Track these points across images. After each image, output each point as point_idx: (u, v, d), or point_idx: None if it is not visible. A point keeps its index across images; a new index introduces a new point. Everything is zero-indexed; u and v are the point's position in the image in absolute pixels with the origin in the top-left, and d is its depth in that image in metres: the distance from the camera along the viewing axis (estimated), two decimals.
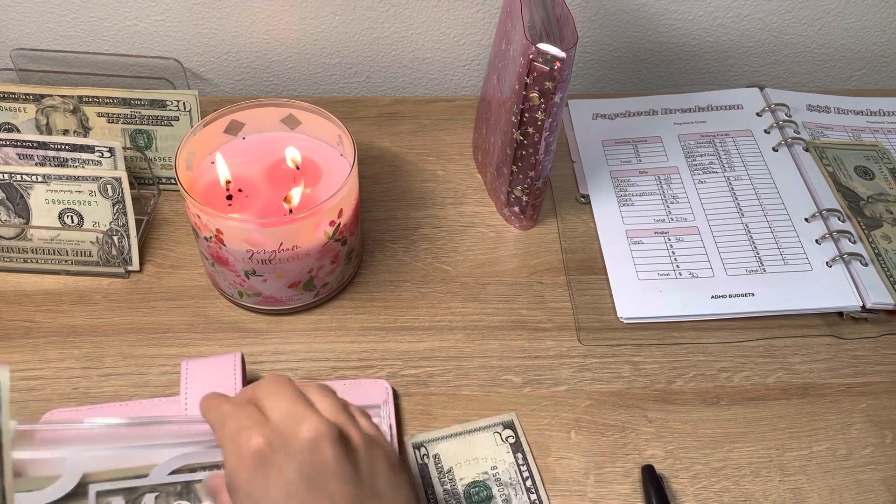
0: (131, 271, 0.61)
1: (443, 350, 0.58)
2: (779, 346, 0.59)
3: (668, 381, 0.56)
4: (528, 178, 0.61)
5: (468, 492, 0.50)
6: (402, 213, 0.67)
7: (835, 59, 0.82)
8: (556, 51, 0.53)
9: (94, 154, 0.60)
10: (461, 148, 0.72)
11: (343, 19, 0.74)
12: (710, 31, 0.78)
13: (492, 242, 0.65)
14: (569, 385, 0.56)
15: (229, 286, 0.58)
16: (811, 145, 0.71)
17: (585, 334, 0.59)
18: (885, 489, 0.51)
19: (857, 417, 0.55)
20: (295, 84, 0.80)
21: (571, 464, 0.52)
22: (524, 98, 0.56)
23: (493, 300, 0.61)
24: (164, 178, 0.67)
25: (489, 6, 0.74)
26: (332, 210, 0.53)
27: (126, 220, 0.60)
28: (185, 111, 0.64)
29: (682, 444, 0.53)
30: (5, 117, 0.65)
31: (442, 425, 0.53)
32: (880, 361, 0.58)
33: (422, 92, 0.81)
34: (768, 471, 0.52)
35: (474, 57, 0.78)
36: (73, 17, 0.73)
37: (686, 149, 0.72)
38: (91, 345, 0.57)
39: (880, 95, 0.78)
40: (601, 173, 0.70)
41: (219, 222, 0.52)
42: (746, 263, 0.63)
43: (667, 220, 0.66)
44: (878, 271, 0.61)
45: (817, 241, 0.64)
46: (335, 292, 0.60)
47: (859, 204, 0.66)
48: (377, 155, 0.71)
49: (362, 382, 0.54)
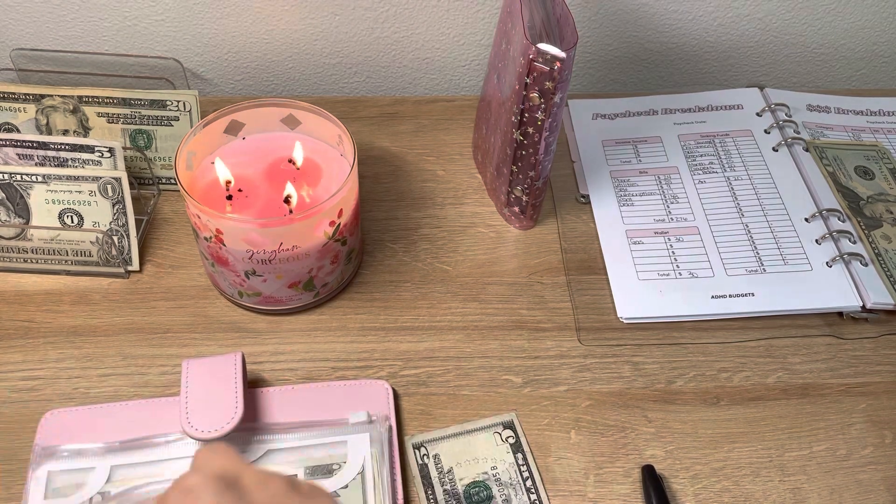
0: (131, 271, 0.61)
1: (443, 350, 0.58)
2: (779, 346, 0.59)
3: (668, 381, 0.56)
4: (528, 178, 0.61)
5: (468, 492, 0.50)
6: (402, 213, 0.67)
7: (835, 59, 0.82)
8: (556, 51, 0.53)
9: (93, 154, 0.60)
10: (461, 148, 0.72)
11: (343, 19, 0.74)
12: (710, 31, 0.78)
13: (492, 242, 0.65)
14: (569, 385, 0.56)
15: (229, 286, 0.58)
16: (811, 145, 0.71)
17: (585, 334, 0.59)
18: (885, 489, 0.51)
19: (857, 417, 0.55)
20: (295, 84, 0.80)
21: (571, 464, 0.52)
22: (524, 98, 0.56)
23: (493, 300, 0.61)
24: (164, 178, 0.67)
25: (489, 6, 0.74)
26: (332, 210, 0.53)
27: (126, 220, 0.60)
28: (185, 111, 0.64)
29: (682, 444, 0.53)
30: (5, 117, 0.65)
31: (442, 425, 0.53)
32: (880, 361, 0.58)
33: (422, 92, 0.81)
34: (768, 471, 0.52)
35: (474, 57, 0.78)
36: (73, 17, 0.73)
37: (686, 149, 0.72)
38: (91, 345, 0.57)
39: (880, 95, 0.78)
40: (601, 173, 0.70)
41: (219, 222, 0.52)
42: (746, 263, 0.63)
43: (667, 220, 0.66)
44: (878, 271, 0.61)
45: (817, 241, 0.64)
46: (335, 292, 0.60)
47: (859, 204, 0.66)
48: (377, 155, 0.71)
49: (362, 383, 0.54)
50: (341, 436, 0.51)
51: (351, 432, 0.51)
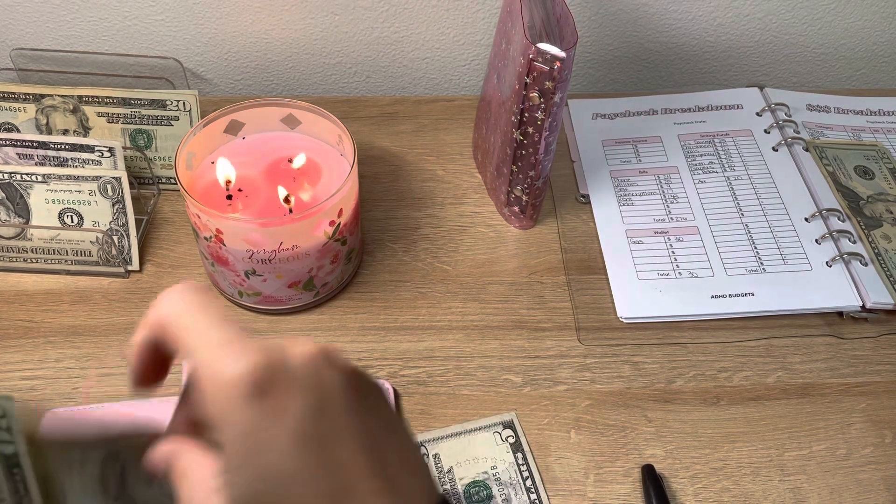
0: (131, 271, 0.61)
1: (443, 350, 0.58)
2: (779, 346, 0.59)
3: (668, 380, 0.56)
4: (527, 177, 0.61)
5: (468, 491, 0.50)
6: (402, 213, 0.67)
7: (835, 59, 0.82)
8: (556, 51, 0.53)
9: (93, 154, 0.60)
10: (461, 148, 0.72)
11: (343, 19, 0.74)
12: (710, 31, 0.78)
13: (492, 242, 0.65)
14: (569, 385, 0.56)
15: (229, 286, 0.58)
16: (811, 145, 0.71)
17: (585, 334, 0.59)
18: (885, 489, 0.51)
19: (857, 417, 0.55)
20: (295, 84, 0.80)
21: (571, 463, 0.52)
22: (524, 98, 0.56)
23: (493, 300, 0.61)
24: (164, 178, 0.67)
25: (489, 6, 0.74)
26: (332, 210, 0.53)
27: (126, 220, 0.60)
28: (185, 111, 0.64)
29: (682, 444, 0.53)
30: (5, 117, 0.65)
31: (442, 425, 0.53)
32: (880, 361, 0.58)
33: (422, 92, 0.81)
34: (768, 471, 0.52)
35: (474, 57, 0.78)
36: (73, 17, 0.73)
37: (686, 149, 0.72)
38: (91, 344, 0.57)
39: (880, 95, 0.78)
40: (601, 173, 0.70)
41: (219, 222, 0.52)
42: (746, 263, 0.63)
43: (667, 220, 0.66)
44: (878, 271, 0.61)
45: (817, 241, 0.64)
46: (335, 292, 0.60)
47: (859, 204, 0.66)
48: (377, 155, 0.71)
49: None
50: None
51: None
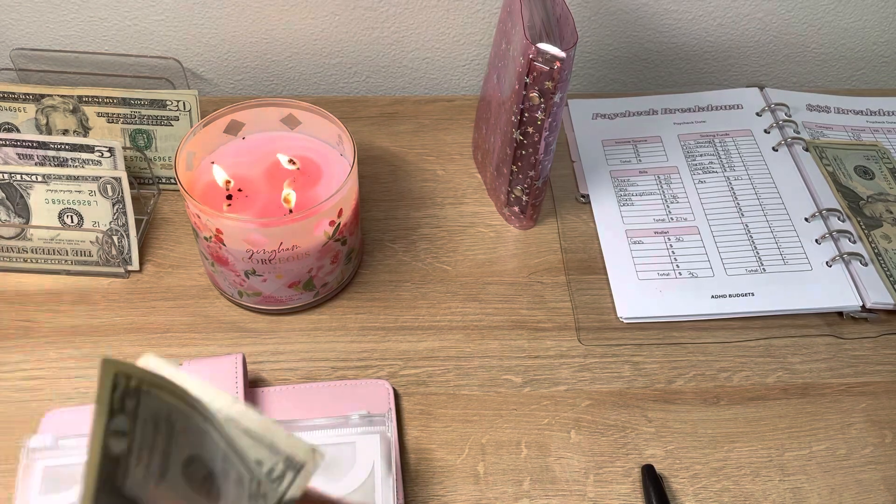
0: (131, 271, 0.61)
1: (443, 350, 0.58)
2: (779, 346, 0.59)
3: (668, 381, 0.56)
4: (527, 177, 0.61)
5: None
6: (402, 213, 0.67)
7: (835, 59, 0.82)
8: (556, 50, 0.53)
9: (93, 154, 0.60)
10: (461, 148, 0.72)
11: (343, 19, 0.74)
12: (710, 31, 0.78)
13: (492, 242, 0.65)
14: (569, 385, 0.56)
15: (229, 286, 0.58)
16: (811, 145, 0.71)
17: (585, 334, 0.59)
18: (885, 489, 0.51)
19: (857, 417, 0.55)
20: (295, 84, 0.80)
21: (571, 463, 0.52)
22: (524, 98, 0.56)
23: (493, 300, 0.61)
24: (163, 178, 0.67)
25: (489, 6, 0.74)
26: (332, 210, 0.53)
27: (126, 220, 0.60)
28: (185, 111, 0.64)
29: (682, 444, 0.53)
30: (5, 117, 0.65)
31: (442, 425, 0.53)
32: (880, 361, 0.58)
33: (422, 92, 0.81)
34: (768, 471, 0.52)
35: (474, 57, 0.78)
36: (73, 17, 0.73)
37: (686, 149, 0.72)
38: (91, 345, 0.57)
39: (880, 95, 0.78)
40: (601, 173, 0.70)
41: (218, 222, 0.52)
42: (746, 263, 0.63)
43: (667, 220, 0.66)
44: (878, 271, 0.61)
45: (817, 241, 0.64)
46: (335, 292, 0.60)
47: (859, 204, 0.66)
48: (377, 155, 0.71)
49: (362, 382, 0.54)
50: (347, 437, 0.50)
51: (354, 433, 0.51)
